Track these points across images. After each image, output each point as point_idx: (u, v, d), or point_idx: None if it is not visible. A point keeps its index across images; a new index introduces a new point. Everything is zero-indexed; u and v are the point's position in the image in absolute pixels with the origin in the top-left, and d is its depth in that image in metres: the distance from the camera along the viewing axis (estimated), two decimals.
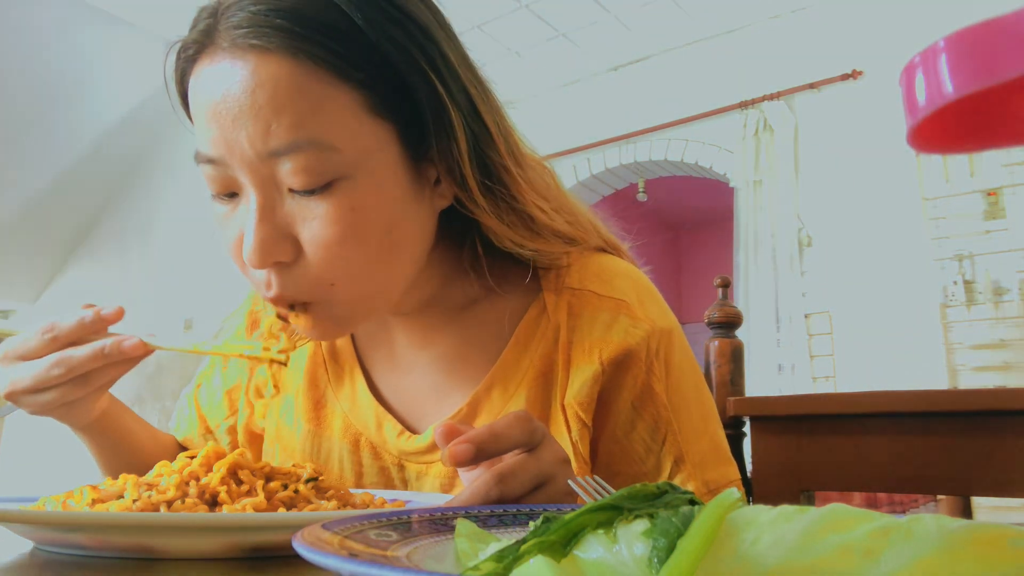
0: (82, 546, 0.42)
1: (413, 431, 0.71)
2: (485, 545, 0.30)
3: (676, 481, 0.66)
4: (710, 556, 0.22)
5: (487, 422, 0.64)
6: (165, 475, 0.48)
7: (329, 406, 0.76)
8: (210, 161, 0.57)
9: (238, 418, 0.81)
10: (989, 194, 3.12)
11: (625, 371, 0.66)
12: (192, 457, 0.50)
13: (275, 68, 0.53)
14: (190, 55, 0.58)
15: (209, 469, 0.48)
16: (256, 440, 0.80)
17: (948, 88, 0.23)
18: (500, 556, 0.24)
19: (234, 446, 0.81)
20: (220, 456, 0.49)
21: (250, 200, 0.56)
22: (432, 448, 0.69)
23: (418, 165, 0.60)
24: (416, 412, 0.72)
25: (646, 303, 0.69)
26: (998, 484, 0.80)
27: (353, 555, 0.26)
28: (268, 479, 0.49)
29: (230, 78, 0.54)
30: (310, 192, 0.55)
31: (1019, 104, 0.26)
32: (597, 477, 0.46)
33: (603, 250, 0.75)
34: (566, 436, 0.66)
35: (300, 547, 0.26)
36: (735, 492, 0.24)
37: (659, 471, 0.66)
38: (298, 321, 0.61)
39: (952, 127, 0.27)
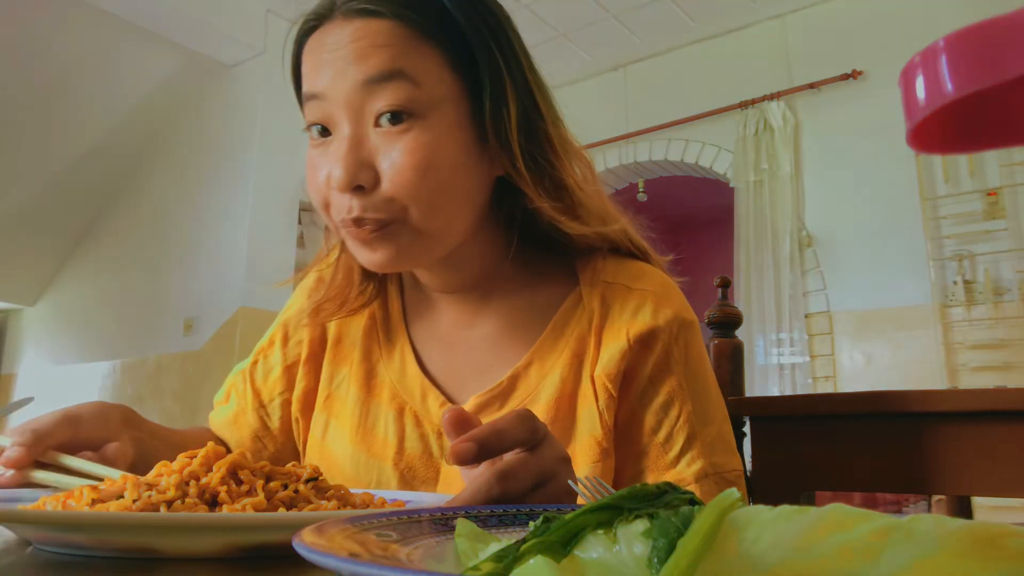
0: (82, 546, 0.42)
1: (455, 403, 0.77)
2: (485, 545, 0.30)
3: (686, 458, 0.71)
4: (710, 556, 0.22)
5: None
6: (165, 475, 0.48)
7: (380, 376, 0.82)
8: (315, 96, 0.68)
9: (294, 391, 0.86)
10: (989, 194, 3.13)
11: (648, 349, 0.73)
12: (192, 457, 0.50)
13: (377, 24, 0.67)
14: (308, 28, 0.71)
15: (209, 469, 0.48)
16: (308, 411, 0.85)
17: (948, 88, 0.23)
18: (500, 556, 0.24)
19: (284, 421, 0.86)
20: (220, 456, 0.49)
21: (342, 133, 0.67)
22: None
23: (480, 129, 0.70)
24: (458, 385, 0.79)
25: (673, 298, 0.77)
26: (998, 484, 0.80)
27: (353, 555, 0.26)
28: (268, 479, 0.49)
29: (342, 32, 0.68)
30: (393, 124, 0.66)
31: (1019, 104, 0.26)
32: (597, 477, 0.46)
33: (635, 256, 0.82)
34: (594, 406, 0.72)
35: (300, 547, 0.26)
36: (735, 492, 0.24)
37: (670, 444, 0.71)
38: (371, 250, 0.69)
39: (952, 127, 0.27)
